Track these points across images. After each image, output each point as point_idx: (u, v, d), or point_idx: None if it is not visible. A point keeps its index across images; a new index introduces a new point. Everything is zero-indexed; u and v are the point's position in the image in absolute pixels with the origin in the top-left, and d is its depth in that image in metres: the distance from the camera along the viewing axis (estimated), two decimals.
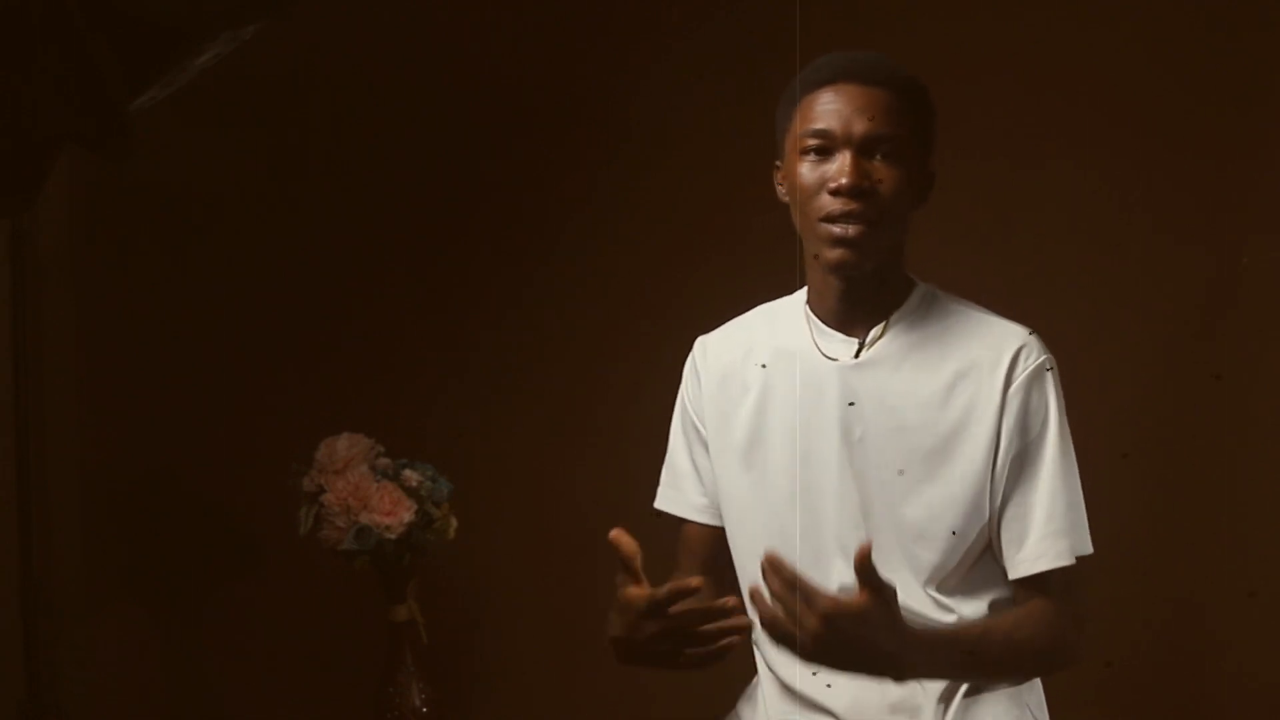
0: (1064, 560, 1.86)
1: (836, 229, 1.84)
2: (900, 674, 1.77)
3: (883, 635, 1.68)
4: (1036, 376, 1.88)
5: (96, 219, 2.89)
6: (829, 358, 1.93)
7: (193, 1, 2.10)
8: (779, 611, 1.67)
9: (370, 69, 2.91)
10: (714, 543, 2.06)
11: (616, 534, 1.73)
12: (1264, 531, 2.79)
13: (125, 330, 2.92)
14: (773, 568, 1.66)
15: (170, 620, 2.98)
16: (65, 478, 2.85)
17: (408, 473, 2.60)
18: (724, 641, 1.73)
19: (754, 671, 2.13)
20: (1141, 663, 2.81)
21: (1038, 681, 2.04)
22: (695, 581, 1.73)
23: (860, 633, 1.66)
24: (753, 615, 1.99)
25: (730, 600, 1.74)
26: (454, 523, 2.62)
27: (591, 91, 2.91)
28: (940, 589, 1.92)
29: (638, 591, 1.74)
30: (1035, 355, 1.89)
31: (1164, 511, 2.79)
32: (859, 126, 1.85)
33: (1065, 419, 1.90)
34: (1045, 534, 1.86)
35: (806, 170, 1.87)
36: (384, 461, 2.60)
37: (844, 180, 1.83)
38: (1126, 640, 2.78)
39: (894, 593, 1.69)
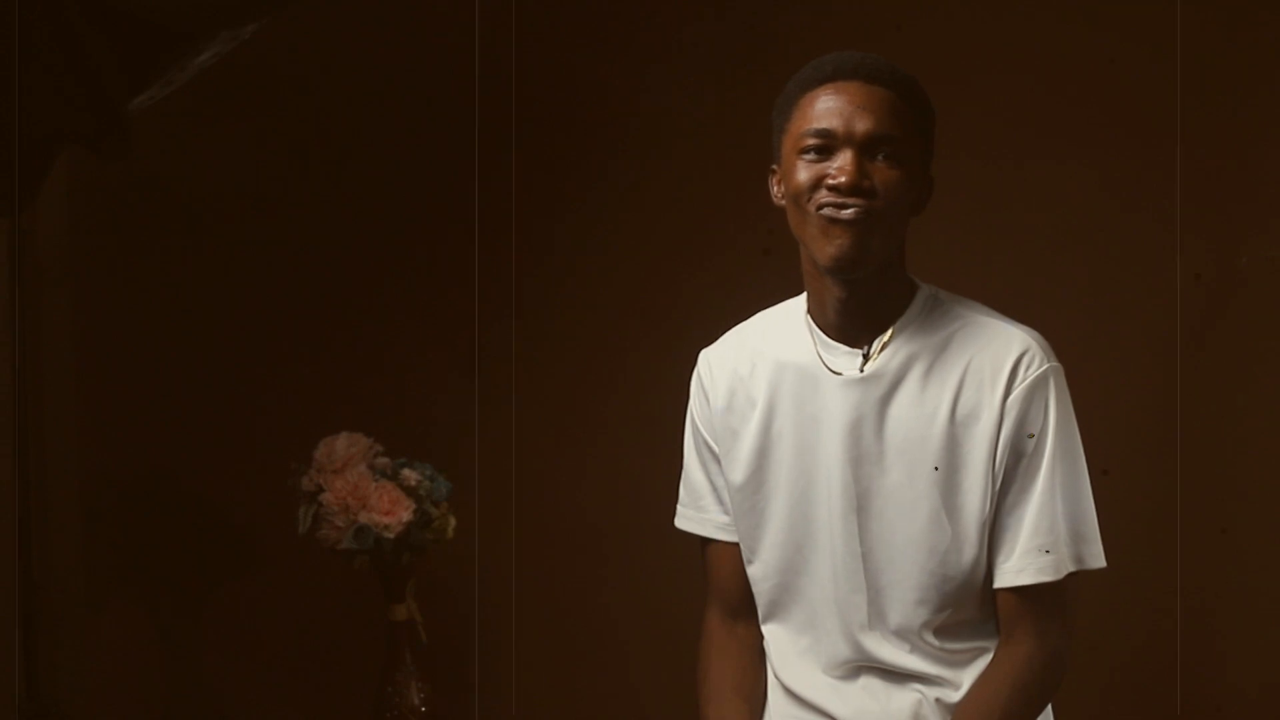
0: (1047, 576, 1.82)
1: (829, 211, 1.78)
2: None
3: None
4: (1037, 386, 1.82)
5: (96, 219, 2.89)
6: (834, 372, 1.88)
7: (193, 1, 2.11)
8: None
9: (369, 68, 2.91)
10: (741, 560, 2.00)
11: None
12: (1264, 531, 2.79)
13: (125, 330, 2.92)
14: None
15: (169, 620, 2.98)
16: (65, 478, 2.85)
17: (406, 472, 2.60)
18: None
19: None
20: (1143, 665, 2.81)
21: None
22: None
23: None
24: (768, 632, 1.99)
25: None
26: (453, 522, 2.62)
27: (591, 91, 2.91)
28: (939, 631, 1.88)
29: None
30: (1037, 364, 1.83)
31: (1163, 512, 2.79)
32: (862, 125, 1.79)
33: (1072, 428, 1.84)
34: (1030, 547, 1.82)
35: (804, 168, 1.81)
36: (383, 461, 2.60)
37: (844, 179, 1.77)
38: (1128, 644, 2.78)
39: None
